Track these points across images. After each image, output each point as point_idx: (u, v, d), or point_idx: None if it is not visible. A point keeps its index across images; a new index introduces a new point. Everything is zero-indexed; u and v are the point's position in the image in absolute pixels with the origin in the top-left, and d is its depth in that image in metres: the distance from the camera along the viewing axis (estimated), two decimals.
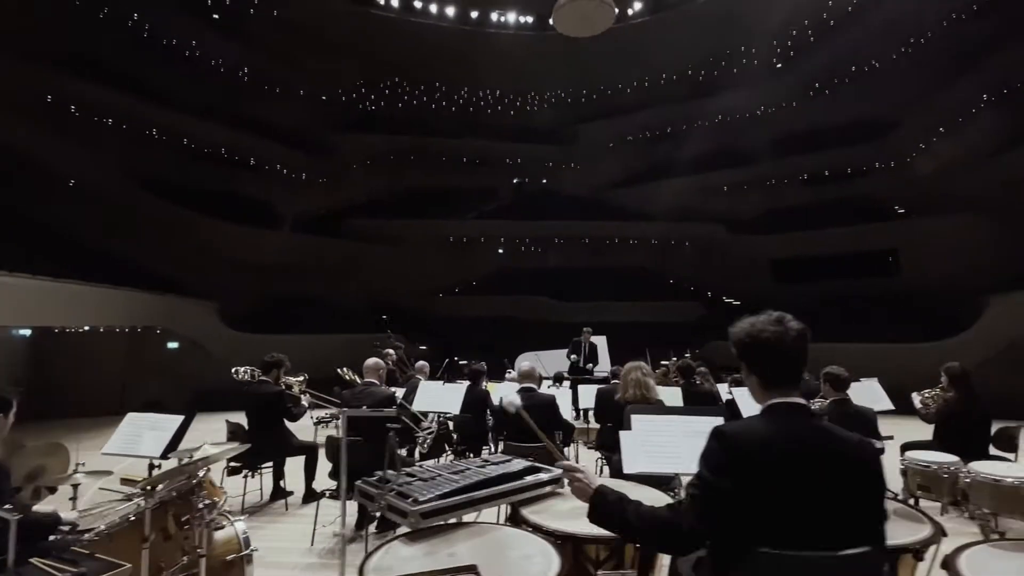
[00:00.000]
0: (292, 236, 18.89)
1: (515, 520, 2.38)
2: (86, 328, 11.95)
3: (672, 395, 5.50)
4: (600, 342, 10.69)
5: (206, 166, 18.19)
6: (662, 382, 7.48)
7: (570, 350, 9.81)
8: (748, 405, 5.25)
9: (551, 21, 12.08)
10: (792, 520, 1.48)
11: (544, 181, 23.88)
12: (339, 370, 4.98)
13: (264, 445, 5.05)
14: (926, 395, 5.28)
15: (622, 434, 2.90)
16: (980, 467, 2.44)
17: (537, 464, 2.77)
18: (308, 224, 19.89)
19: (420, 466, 2.62)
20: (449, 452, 6.12)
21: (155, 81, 16.99)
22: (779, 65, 21.44)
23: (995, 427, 5.02)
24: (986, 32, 15.69)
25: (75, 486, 3.45)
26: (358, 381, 4.78)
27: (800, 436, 1.56)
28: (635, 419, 2.84)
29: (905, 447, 5.31)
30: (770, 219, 20.29)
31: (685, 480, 2.48)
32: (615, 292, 19.92)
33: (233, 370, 5.07)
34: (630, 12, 20.16)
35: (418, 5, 19.19)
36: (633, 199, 22.24)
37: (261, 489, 5.47)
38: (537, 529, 2.26)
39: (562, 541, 2.18)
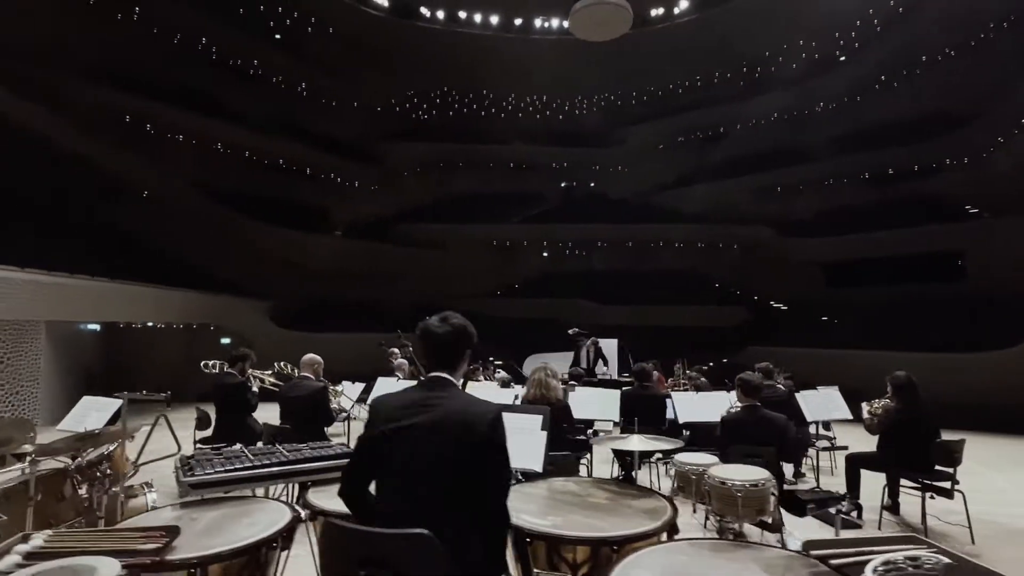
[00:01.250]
0: (341, 241, 20.01)
1: (299, 497, 2.65)
2: (148, 324, 13.32)
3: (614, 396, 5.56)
4: (609, 345, 10.67)
5: (266, 176, 19.62)
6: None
7: (574, 357, 9.80)
8: (681, 407, 5.29)
9: (567, 25, 12.23)
10: (393, 479, 1.77)
11: (592, 185, 23.81)
12: (276, 364, 5.43)
13: (227, 431, 5.61)
14: (875, 405, 5.05)
15: None
16: (717, 470, 2.43)
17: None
18: (360, 230, 20.97)
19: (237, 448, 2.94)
20: None
21: (221, 99, 18.57)
22: (842, 58, 20.32)
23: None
24: None
25: (24, 454, 4.09)
26: (295, 375, 5.19)
27: (405, 402, 1.86)
28: None
29: (851, 458, 5.11)
30: (825, 221, 19.24)
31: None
32: (659, 296, 19.60)
33: (203, 363, 5.63)
34: (676, 11, 19.84)
35: (462, 15, 19.76)
36: (681, 201, 21.73)
37: None
38: (307, 505, 2.53)
39: (314, 515, 2.44)
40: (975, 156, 17.22)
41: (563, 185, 23.92)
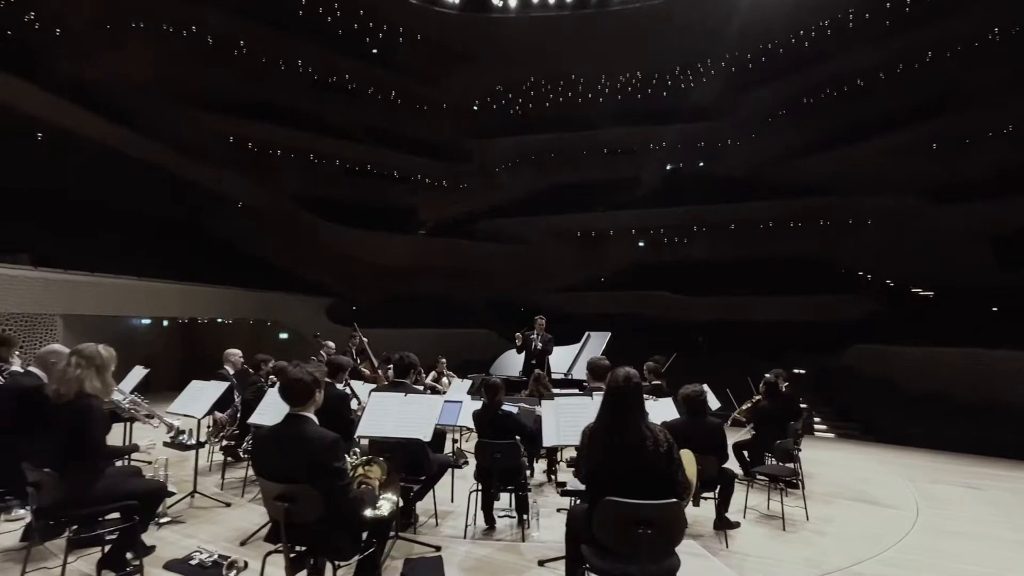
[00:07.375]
0: (421, 239, 20.39)
1: None
2: (219, 320, 14.84)
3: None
4: (599, 339, 8.72)
5: (357, 181, 20.90)
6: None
7: (519, 346, 7.91)
8: None
9: None
10: None
11: (701, 164, 21.11)
12: None
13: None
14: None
15: None
16: None
17: None
18: (447, 227, 21.18)
19: None
20: None
21: (321, 115, 20.17)
22: None
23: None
24: None
25: None
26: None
27: None
28: None
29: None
30: (998, 180, 14.48)
31: None
32: (768, 285, 16.49)
33: None
34: None
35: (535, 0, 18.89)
36: (805, 174, 18.10)
37: None
38: None
39: None
40: None
41: (668, 168, 21.56)
